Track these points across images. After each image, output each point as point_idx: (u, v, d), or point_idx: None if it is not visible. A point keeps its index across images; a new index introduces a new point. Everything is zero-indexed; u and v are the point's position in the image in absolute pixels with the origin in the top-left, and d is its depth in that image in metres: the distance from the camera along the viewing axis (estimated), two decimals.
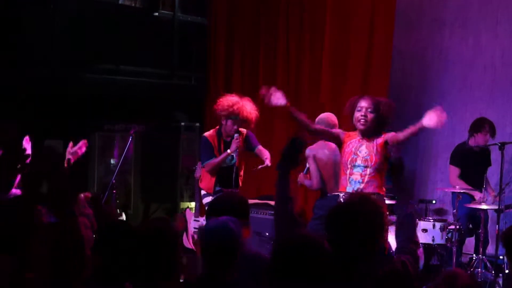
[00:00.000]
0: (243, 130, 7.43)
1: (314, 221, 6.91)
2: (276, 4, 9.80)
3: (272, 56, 9.76)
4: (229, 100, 7.25)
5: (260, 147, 7.45)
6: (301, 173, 7.19)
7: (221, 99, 7.31)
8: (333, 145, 6.90)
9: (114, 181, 8.18)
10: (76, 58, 9.20)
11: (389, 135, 6.09)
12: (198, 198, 9.08)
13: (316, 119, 6.99)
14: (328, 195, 6.87)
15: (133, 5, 10.15)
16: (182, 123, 10.51)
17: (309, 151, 6.97)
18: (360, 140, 6.11)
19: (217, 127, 7.45)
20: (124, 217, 7.33)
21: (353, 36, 9.16)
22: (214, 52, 10.17)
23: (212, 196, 7.41)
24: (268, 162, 7.20)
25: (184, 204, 10.33)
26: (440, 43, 9.69)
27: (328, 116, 7.13)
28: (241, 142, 7.32)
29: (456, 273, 3.10)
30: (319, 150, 6.99)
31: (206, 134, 7.51)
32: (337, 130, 6.44)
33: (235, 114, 7.19)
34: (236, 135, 7.23)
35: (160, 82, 10.28)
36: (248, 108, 7.25)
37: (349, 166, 6.08)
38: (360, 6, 9.13)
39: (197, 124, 10.50)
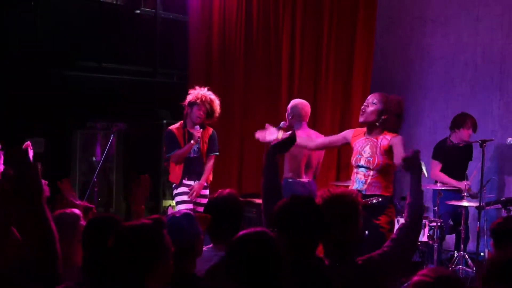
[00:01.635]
0: (210, 128, 7.68)
1: None
2: (256, 1, 9.76)
3: (253, 53, 9.73)
4: (197, 91, 7.58)
5: (211, 156, 7.68)
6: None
7: (189, 92, 7.65)
8: (309, 136, 6.97)
9: (95, 179, 8.15)
10: (58, 55, 9.15)
11: (395, 141, 5.83)
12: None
13: (289, 106, 7.12)
14: (290, 180, 6.97)
15: (115, 2, 10.10)
16: (164, 121, 10.48)
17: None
18: (366, 139, 5.96)
19: (181, 121, 7.68)
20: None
21: (335, 33, 9.16)
22: (196, 50, 10.13)
23: (179, 187, 7.55)
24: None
25: (166, 202, 10.31)
26: (422, 40, 9.73)
27: (302, 105, 7.14)
28: (203, 136, 7.57)
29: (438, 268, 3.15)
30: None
31: (171, 127, 7.72)
32: (344, 134, 6.29)
33: (200, 102, 7.47)
34: (196, 126, 7.44)
35: (142, 80, 10.25)
36: (214, 100, 7.56)
37: (354, 165, 6.02)
38: (343, 3, 9.13)
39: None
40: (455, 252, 8.06)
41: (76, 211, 4.08)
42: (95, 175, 8.19)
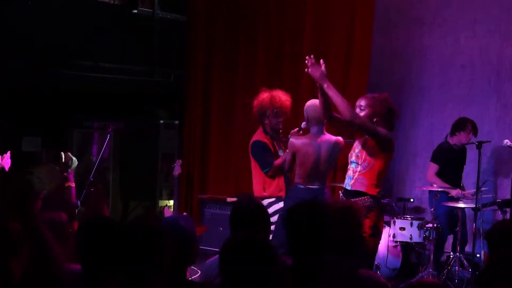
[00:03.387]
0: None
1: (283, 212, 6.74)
2: (256, 2, 9.78)
3: (252, 53, 9.74)
4: (264, 97, 7.08)
5: None
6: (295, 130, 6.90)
7: (255, 102, 7.11)
8: (325, 142, 6.70)
9: (92, 178, 8.15)
10: (55, 54, 9.14)
11: None
12: (177, 196, 9.07)
13: (305, 107, 6.76)
14: (301, 187, 6.66)
15: (112, 2, 10.09)
16: (162, 121, 10.47)
17: (294, 140, 6.71)
18: (360, 139, 6.01)
19: (260, 129, 7.16)
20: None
21: (333, 34, 9.17)
22: (194, 50, 10.14)
23: (279, 202, 6.99)
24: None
25: (163, 202, 10.30)
26: (419, 41, 9.73)
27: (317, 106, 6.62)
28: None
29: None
30: (304, 146, 6.67)
31: (258, 138, 7.11)
32: None
33: (275, 107, 7.00)
34: (292, 131, 6.87)
35: (140, 79, 10.24)
36: (283, 97, 7.11)
37: (349, 162, 6.04)
38: (340, 5, 9.14)
39: (177, 122, 10.47)
40: (451, 253, 8.07)
41: (63, 214, 4.10)
42: (91, 175, 8.18)
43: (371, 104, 5.95)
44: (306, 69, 6.12)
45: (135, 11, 10.17)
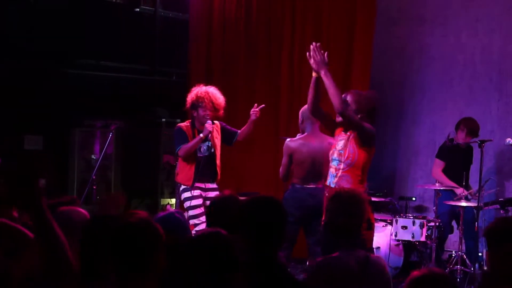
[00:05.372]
0: (217, 122, 7.52)
1: None
2: (255, 1, 9.76)
3: (253, 52, 9.73)
4: (196, 91, 7.42)
5: (239, 131, 7.65)
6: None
7: (188, 95, 7.49)
8: (320, 142, 6.73)
9: (94, 177, 8.16)
10: (57, 53, 9.15)
11: None
12: (178, 194, 9.07)
13: (301, 109, 6.87)
14: (297, 186, 6.77)
15: (114, 0, 10.09)
16: (163, 119, 10.48)
17: (289, 143, 6.84)
18: (343, 134, 5.99)
19: (190, 120, 7.53)
20: None
21: (334, 33, 9.16)
22: (195, 48, 10.13)
23: (191, 190, 7.37)
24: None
25: (165, 201, 10.32)
26: (421, 40, 9.73)
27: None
28: (215, 131, 7.46)
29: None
30: (299, 148, 6.78)
31: (180, 124, 7.58)
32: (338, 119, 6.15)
33: (204, 101, 7.30)
34: (209, 121, 7.29)
35: (141, 78, 10.25)
36: (216, 95, 7.40)
37: (330, 159, 6.03)
38: (342, 3, 9.13)
39: (178, 120, 10.45)
40: (453, 252, 8.07)
41: (83, 211, 4.05)
42: (93, 173, 8.20)
43: (357, 100, 5.96)
44: (308, 53, 6.18)
45: (137, 9, 10.18)
